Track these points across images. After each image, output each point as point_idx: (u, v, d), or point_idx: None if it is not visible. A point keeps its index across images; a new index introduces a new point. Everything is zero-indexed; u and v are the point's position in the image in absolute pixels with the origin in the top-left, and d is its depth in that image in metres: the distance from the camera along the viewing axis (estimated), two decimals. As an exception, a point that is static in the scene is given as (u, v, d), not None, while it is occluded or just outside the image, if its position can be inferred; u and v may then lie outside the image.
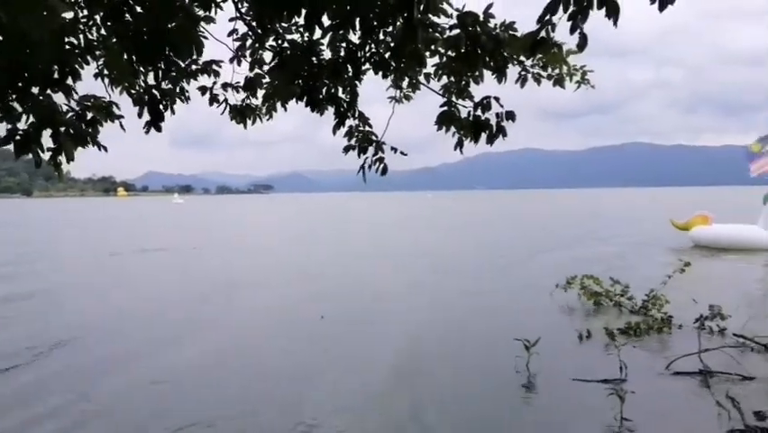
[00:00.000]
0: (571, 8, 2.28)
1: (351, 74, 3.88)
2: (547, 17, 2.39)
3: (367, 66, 3.84)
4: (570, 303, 9.10)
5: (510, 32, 3.69)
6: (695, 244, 17.04)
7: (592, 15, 2.34)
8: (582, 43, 2.44)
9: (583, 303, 9.03)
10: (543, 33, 2.52)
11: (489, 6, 3.50)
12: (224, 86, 4.38)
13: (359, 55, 3.75)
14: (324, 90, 4.07)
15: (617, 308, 8.65)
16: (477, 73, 3.88)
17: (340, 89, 4.14)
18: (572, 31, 2.35)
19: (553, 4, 2.31)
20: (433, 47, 3.89)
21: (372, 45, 3.72)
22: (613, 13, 2.27)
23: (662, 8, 2.21)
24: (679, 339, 6.89)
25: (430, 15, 3.51)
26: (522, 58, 4.21)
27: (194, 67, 4.07)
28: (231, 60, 4.23)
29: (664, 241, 18.28)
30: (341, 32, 3.39)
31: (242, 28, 4.12)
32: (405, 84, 4.72)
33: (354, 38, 3.64)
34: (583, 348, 6.73)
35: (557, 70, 4.55)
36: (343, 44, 3.72)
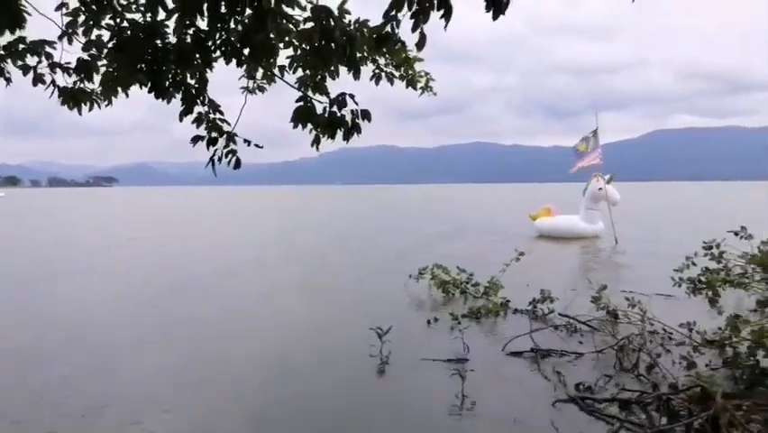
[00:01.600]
0: (415, 7, 2.42)
1: (199, 61, 3.68)
2: (392, 12, 2.49)
3: (218, 54, 3.68)
4: (421, 292, 9.61)
5: (365, 29, 3.77)
6: (539, 234, 19.06)
7: (438, 23, 2.49)
8: (421, 41, 2.58)
9: (433, 292, 9.59)
10: (388, 29, 2.62)
11: (344, 2, 3.54)
12: (52, 66, 3.87)
13: (209, 43, 3.58)
14: (170, 76, 3.82)
15: (463, 295, 9.30)
16: (333, 68, 3.92)
17: (188, 75, 3.91)
18: (414, 29, 2.48)
19: (398, 1, 2.43)
20: (287, 38, 3.84)
21: (223, 33, 3.56)
22: (447, 15, 2.43)
23: (495, 16, 2.41)
24: (515, 321, 7.57)
25: (284, 6, 3.46)
26: (377, 57, 4.34)
27: (21, 46, 3.59)
28: (60, 38, 3.78)
29: (515, 231, 20.11)
30: (187, 17, 3.20)
31: (72, 2, 3.71)
32: (259, 75, 4.61)
33: (203, 24, 3.46)
34: (431, 333, 7.13)
35: (410, 71, 4.78)
36: (191, 30, 3.51)
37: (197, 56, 3.63)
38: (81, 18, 3.76)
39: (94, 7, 3.59)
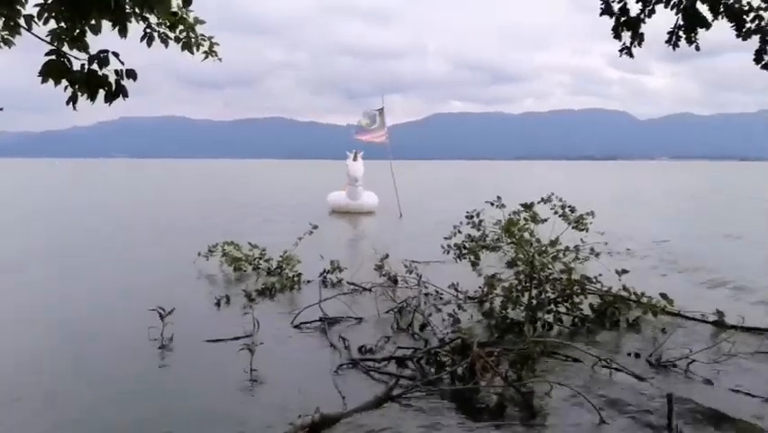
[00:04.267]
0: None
1: None
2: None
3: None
4: (212, 270, 9.24)
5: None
6: (333, 210, 19.47)
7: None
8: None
9: (225, 269, 9.30)
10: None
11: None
12: None
13: None
14: None
15: (256, 271, 9.18)
16: (94, 23, 3.48)
17: None
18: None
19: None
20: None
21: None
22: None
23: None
24: (307, 294, 7.74)
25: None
26: (147, 14, 3.96)
27: None
28: None
29: (308, 207, 20.05)
30: None
31: None
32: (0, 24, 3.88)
33: None
34: (221, 312, 6.94)
35: (191, 34, 4.46)
36: None
37: None
38: None
39: None
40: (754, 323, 6.07)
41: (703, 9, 4.49)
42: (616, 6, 4.71)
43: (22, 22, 3.65)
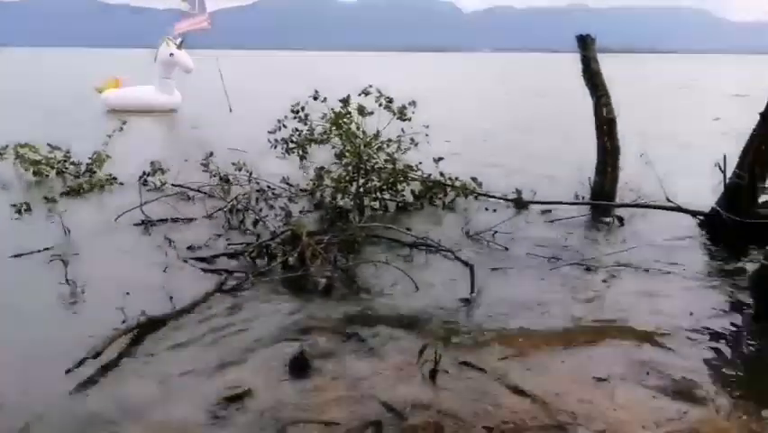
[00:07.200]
0: None
1: None
2: None
3: None
4: (4, 177, 8.09)
5: None
6: (109, 108, 16.61)
7: None
8: None
9: (22, 175, 8.19)
10: None
11: None
12: None
13: None
14: None
15: (61, 176, 8.23)
16: None
17: None
18: None
19: None
20: None
21: None
22: None
23: None
24: (125, 197, 7.16)
25: None
26: None
27: None
28: None
29: (83, 105, 17.27)
30: None
31: None
32: None
33: None
34: (23, 223, 6.17)
35: None
36: None
37: None
38: None
39: None
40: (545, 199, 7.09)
41: None
42: None
43: None
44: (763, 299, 4.15)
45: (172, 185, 7.63)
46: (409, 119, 6.84)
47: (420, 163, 7.16)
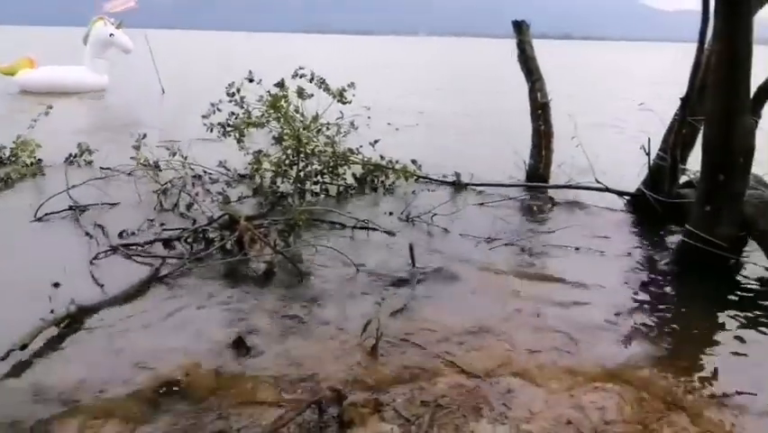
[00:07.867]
0: None
1: None
2: None
3: None
4: None
5: None
6: (22, 90, 15.54)
7: None
8: None
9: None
10: None
11: None
12: None
13: None
14: None
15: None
16: None
17: None
18: None
19: None
20: None
21: None
22: None
23: None
24: (51, 183, 6.78)
25: None
26: None
27: None
28: None
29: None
30: None
31: None
32: None
33: None
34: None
35: None
36: None
37: None
38: None
39: None
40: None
41: None
42: None
43: None
44: (684, 271, 4.61)
45: (101, 168, 7.29)
46: (350, 102, 6.78)
47: (361, 147, 7.15)
